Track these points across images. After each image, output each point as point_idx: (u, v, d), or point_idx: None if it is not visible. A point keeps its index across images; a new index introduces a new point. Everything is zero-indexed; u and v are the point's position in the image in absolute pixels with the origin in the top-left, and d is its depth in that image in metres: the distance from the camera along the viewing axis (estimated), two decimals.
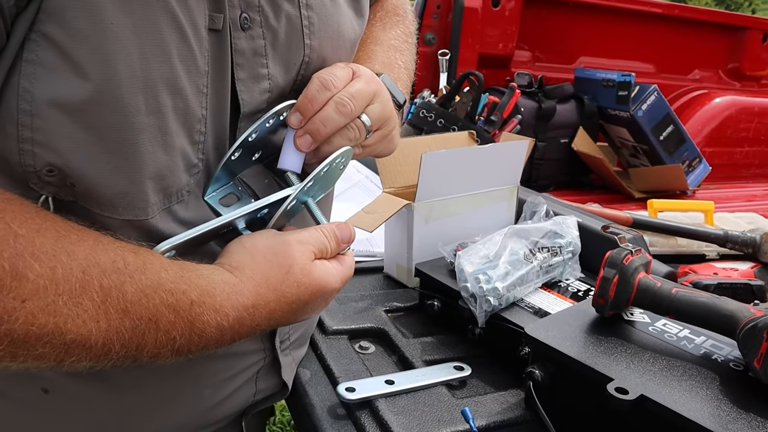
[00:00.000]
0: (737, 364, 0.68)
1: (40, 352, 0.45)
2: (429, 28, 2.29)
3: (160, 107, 0.51)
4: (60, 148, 0.48)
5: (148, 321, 0.50)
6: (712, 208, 1.38)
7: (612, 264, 0.74)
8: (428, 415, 0.73)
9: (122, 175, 0.51)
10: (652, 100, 2.01)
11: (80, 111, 0.47)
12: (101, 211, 0.52)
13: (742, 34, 2.66)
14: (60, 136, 0.47)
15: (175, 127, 0.53)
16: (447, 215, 1.08)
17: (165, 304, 0.51)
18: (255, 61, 0.58)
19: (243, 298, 0.56)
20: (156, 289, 0.51)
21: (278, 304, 0.58)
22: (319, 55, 0.64)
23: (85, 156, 0.49)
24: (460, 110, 1.83)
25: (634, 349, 0.70)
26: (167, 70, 0.50)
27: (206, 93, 0.55)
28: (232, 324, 0.55)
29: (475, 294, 0.85)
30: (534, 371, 0.71)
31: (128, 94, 0.48)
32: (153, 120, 0.50)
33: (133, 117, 0.49)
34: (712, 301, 0.69)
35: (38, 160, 0.48)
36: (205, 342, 0.54)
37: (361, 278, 1.12)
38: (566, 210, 1.13)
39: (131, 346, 0.49)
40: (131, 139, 0.50)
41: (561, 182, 2.13)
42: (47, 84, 0.46)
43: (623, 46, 2.52)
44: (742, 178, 2.52)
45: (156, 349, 0.51)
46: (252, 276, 0.57)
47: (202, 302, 0.53)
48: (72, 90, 0.46)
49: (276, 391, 0.79)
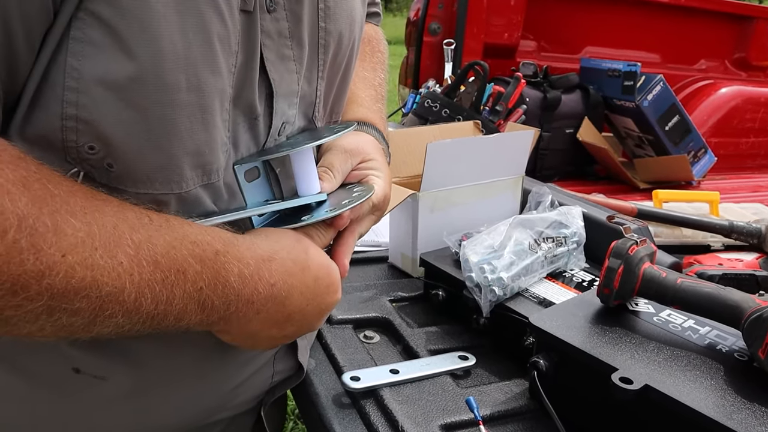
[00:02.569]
0: (742, 355, 0.68)
1: (77, 307, 0.46)
2: (434, 18, 2.28)
3: (201, 85, 0.52)
4: (103, 124, 0.48)
5: (177, 272, 0.51)
6: (718, 199, 1.38)
7: (617, 254, 0.74)
8: (433, 404, 0.73)
9: (161, 150, 0.52)
10: (658, 90, 2.00)
11: (125, 88, 0.48)
12: (137, 189, 0.53)
13: (749, 23, 2.65)
14: (104, 113, 0.48)
15: (215, 105, 0.54)
16: (452, 205, 1.08)
17: (192, 254, 0.52)
18: (280, 42, 0.60)
19: (261, 250, 0.58)
20: (182, 240, 0.52)
21: (292, 265, 0.60)
22: (335, 38, 0.67)
23: (127, 132, 0.50)
24: (465, 100, 1.83)
25: (638, 339, 0.70)
26: (207, 50, 0.52)
27: (234, 72, 0.56)
28: (252, 274, 0.56)
29: (479, 284, 0.85)
30: (538, 361, 0.72)
31: (170, 72, 0.49)
32: (193, 98, 0.52)
33: (174, 94, 0.50)
34: (716, 292, 0.69)
35: (81, 137, 0.49)
36: (228, 292, 0.55)
37: (365, 268, 1.13)
38: (571, 200, 1.13)
39: (161, 300, 0.50)
40: (171, 115, 0.51)
41: (566, 172, 2.12)
42: (95, 62, 0.47)
43: (629, 35, 2.50)
44: (747, 169, 2.51)
45: (183, 302, 0.52)
46: (266, 235, 0.60)
47: (225, 251, 0.54)
48: (119, 68, 0.47)
49: (292, 373, 0.79)
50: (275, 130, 0.63)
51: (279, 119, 0.63)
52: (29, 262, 0.43)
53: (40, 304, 0.44)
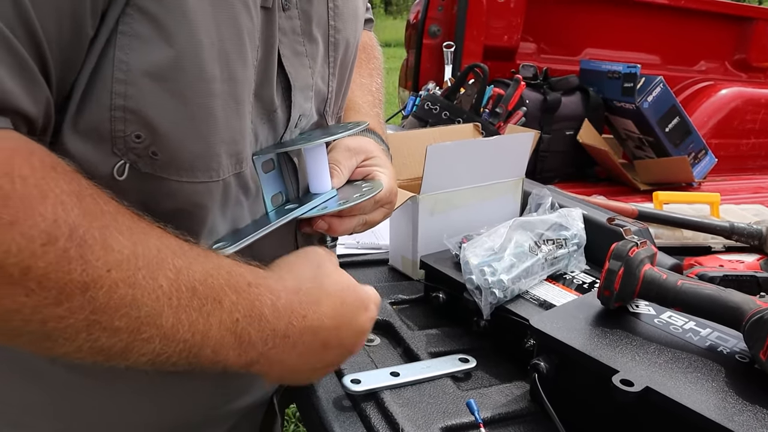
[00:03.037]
0: (743, 356, 0.68)
1: (115, 326, 0.46)
2: (434, 20, 2.28)
3: (234, 76, 0.55)
4: (150, 113, 0.50)
5: (214, 301, 0.52)
6: (718, 200, 1.38)
7: (617, 256, 0.74)
8: (433, 407, 0.73)
9: (201, 138, 0.54)
10: (658, 91, 2.00)
11: (167, 78, 0.50)
12: (179, 177, 0.54)
13: (749, 24, 2.65)
14: (150, 103, 0.50)
15: (245, 95, 0.57)
16: (452, 207, 1.08)
17: (228, 284, 0.53)
18: (294, 39, 0.63)
19: (288, 283, 0.59)
20: (219, 269, 0.53)
21: (319, 293, 0.61)
22: (343, 35, 0.70)
23: (171, 120, 0.52)
24: (465, 102, 1.83)
25: (639, 341, 0.70)
26: (238, 42, 0.54)
27: (255, 66, 0.59)
28: (285, 306, 0.57)
29: (480, 286, 0.85)
30: (539, 363, 0.72)
31: (208, 62, 0.52)
32: (227, 87, 0.54)
33: (211, 84, 0.53)
34: (717, 293, 0.69)
35: (129, 126, 0.50)
36: (264, 326, 0.55)
37: (366, 270, 1.13)
38: (571, 202, 1.13)
39: (197, 328, 0.51)
40: (209, 104, 0.53)
41: (566, 174, 2.12)
42: (141, 54, 0.49)
43: (629, 37, 2.50)
44: (748, 170, 2.51)
45: (220, 333, 0.52)
46: (288, 268, 0.62)
47: (257, 283, 0.56)
48: (161, 55, 0.50)
49: None
50: (293, 122, 0.66)
51: (296, 112, 0.66)
52: (76, 272, 0.43)
53: (82, 317, 0.45)
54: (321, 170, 0.70)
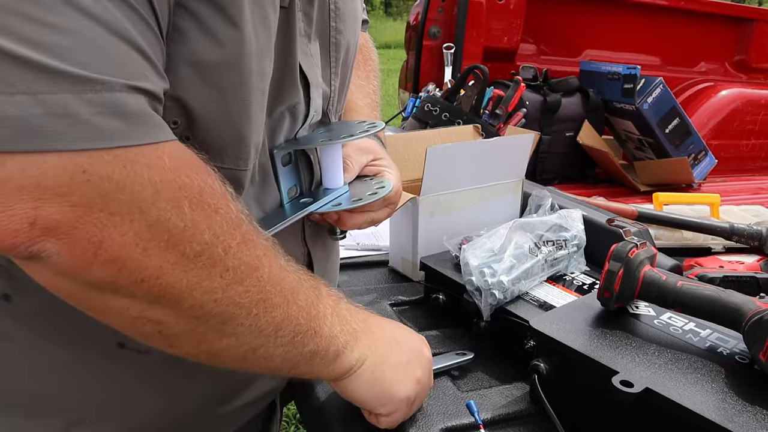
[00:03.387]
0: (743, 357, 0.68)
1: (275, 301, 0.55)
2: (434, 22, 2.28)
3: (264, 71, 0.58)
4: (189, 101, 0.54)
5: (307, 328, 0.59)
6: (718, 201, 1.38)
7: (617, 257, 0.74)
8: (433, 408, 0.73)
9: (233, 128, 0.57)
10: (658, 92, 2.00)
11: (213, 71, 0.54)
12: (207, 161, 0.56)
13: (749, 25, 2.65)
14: (189, 91, 0.53)
15: (267, 89, 0.60)
16: (452, 209, 1.08)
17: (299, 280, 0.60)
18: (301, 41, 0.65)
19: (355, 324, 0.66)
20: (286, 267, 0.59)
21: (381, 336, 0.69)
22: (344, 36, 0.72)
23: (207, 109, 0.55)
24: (465, 104, 1.83)
25: (639, 342, 0.70)
26: (267, 38, 0.57)
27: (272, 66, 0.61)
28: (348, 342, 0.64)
29: (480, 287, 0.85)
30: (539, 364, 0.72)
31: (247, 58, 0.55)
32: (259, 82, 0.57)
33: (248, 78, 0.56)
34: (717, 294, 0.69)
35: (168, 111, 0.53)
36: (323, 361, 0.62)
37: (366, 272, 1.13)
38: (571, 203, 1.13)
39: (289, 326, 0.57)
40: (244, 96, 0.56)
41: (566, 176, 2.12)
42: (182, 47, 0.52)
43: (629, 38, 2.51)
44: (748, 171, 2.51)
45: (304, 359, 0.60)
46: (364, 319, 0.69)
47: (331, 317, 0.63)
48: (209, 54, 0.53)
49: None
50: (311, 117, 0.69)
51: (313, 108, 0.68)
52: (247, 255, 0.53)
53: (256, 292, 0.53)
54: (335, 167, 0.74)
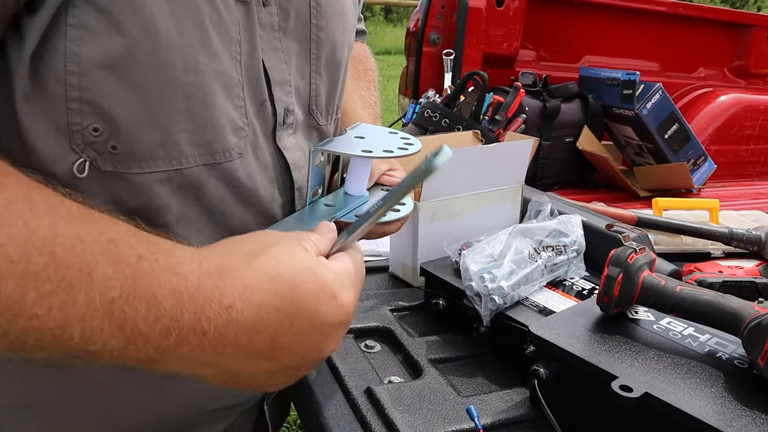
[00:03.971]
0: (742, 362, 0.68)
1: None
2: (433, 28, 2.29)
3: (197, 65, 0.54)
4: (106, 104, 0.51)
5: (79, 270, 0.42)
6: (717, 206, 1.38)
7: (616, 262, 0.74)
8: (434, 413, 0.73)
9: (159, 128, 0.54)
10: (657, 98, 2.01)
11: (121, 67, 0.50)
12: (141, 169, 0.54)
13: (748, 31, 2.66)
14: (105, 94, 0.50)
15: (215, 87, 0.57)
16: (452, 215, 1.08)
17: (104, 253, 0.44)
18: (272, 35, 0.64)
19: (205, 262, 0.48)
20: (97, 235, 0.44)
21: (254, 277, 0.49)
22: (328, 35, 0.70)
23: (128, 111, 0.52)
24: (464, 110, 1.83)
25: (638, 347, 0.70)
26: (201, 33, 0.54)
27: (240, 60, 0.59)
28: (194, 293, 0.46)
29: (480, 293, 0.85)
30: (539, 369, 0.72)
31: (165, 51, 0.52)
32: (191, 77, 0.54)
33: (169, 73, 0.53)
34: (716, 299, 0.70)
35: (85, 118, 0.51)
36: (156, 315, 0.44)
37: (366, 277, 1.12)
38: (571, 209, 1.13)
39: (53, 302, 0.42)
40: (166, 93, 0.53)
41: (566, 181, 2.13)
42: (93, 45, 0.49)
43: (628, 44, 2.51)
44: (747, 176, 2.51)
45: (88, 313, 0.43)
46: (220, 249, 0.52)
47: (154, 259, 0.45)
48: (111, 45, 0.49)
49: None
50: (280, 116, 0.66)
51: (280, 106, 0.66)
52: None
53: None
54: (362, 177, 0.75)
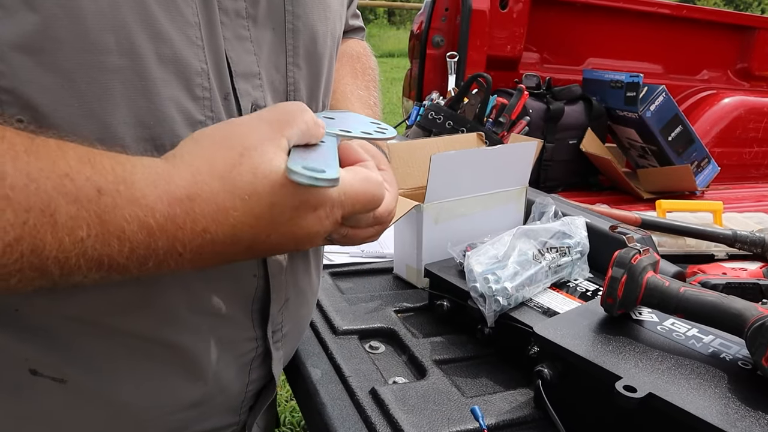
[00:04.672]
0: (745, 363, 0.68)
1: None
2: (437, 31, 2.30)
3: (135, 49, 0.48)
4: (27, 92, 0.44)
5: (40, 213, 0.40)
6: (721, 209, 1.38)
7: (620, 264, 0.74)
8: (438, 413, 0.74)
9: (95, 118, 0.47)
10: (661, 100, 2.01)
11: (40, 50, 0.44)
12: None
13: (751, 34, 2.66)
14: (25, 80, 0.44)
15: (161, 74, 0.50)
16: (456, 216, 1.09)
17: (61, 191, 0.41)
18: (237, 23, 0.58)
19: (172, 186, 0.45)
20: (48, 172, 0.41)
21: (229, 198, 0.46)
22: (306, 23, 0.64)
23: (55, 99, 0.45)
24: (468, 112, 1.84)
25: (642, 348, 0.71)
26: (141, 11, 0.47)
27: (202, 46, 0.53)
28: (163, 223, 0.44)
29: (484, 294, 0.86)
30: (543, 370, 0.72)
31: (95, 32, 0.45)
32: (127, 62, 0.47)
33: (101, 56, 0.46)
34: (719, 300, 0.70)
35: (7, 107, 0.44)
36: (131, 248, 0.44)
37: (370, 279, 1.13)
38: (574, 210, 1.13)
39: (23, 247, 0.40)
40: (101, 79, 0.46)
41: (570, 183, 2.13)
42: (5, 24, 0.43)
43: (631, 47, 2.52)
44: (751, 179, 2.52)
45: (62, 254, 0.42)
46: (189, 160, 0.47)
47: (115, 191, 0.43)
48: (27, 26, 0.43)
49: (266, 381, 0.75)
50: (246, 111, 0.59)
51: (246, 100, 0.59)
52: None
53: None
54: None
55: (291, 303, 0.73)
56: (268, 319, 0.70)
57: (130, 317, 0.56)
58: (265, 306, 0.68)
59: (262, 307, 0.68)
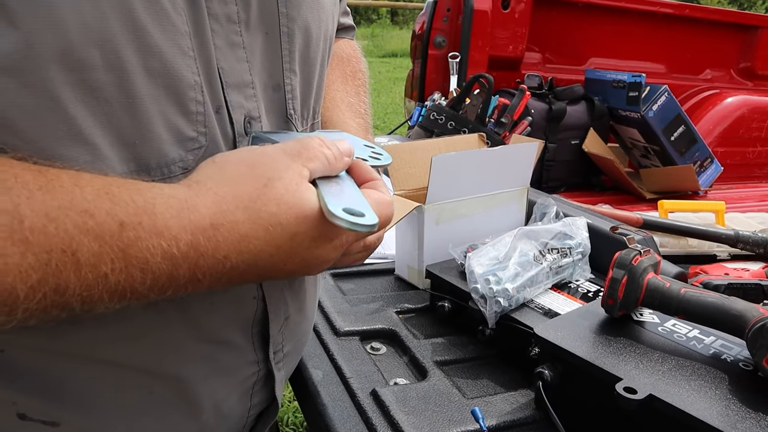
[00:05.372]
0: (746, 364, 0.68)
1: None
2: (439, 31, 2.30)
3: (122, 64, 0.45)
4: (9, 116, 0.41)
5: (62, 253, 0.40)
6: (723, 209, 1.38)
7: (621, 265, 0.74)
8: (439, 414, 0.74)
9: (84, 143, 0.45)
10: (663, 100, 2.01)
11: (21, 70, 0.41)
12: None
13: (754, 33, 2.65)
14: (5, 103, 0.41)
15: (149, 90, 0.47)
16: (457, 217, 1.09)
17: (82, 229, 0.40)
18: (229, 28, 0.55)
19: (197, 215, 0.45)
20: (66, 210, 0.40)
21: (252, 227, 0.46)
22: (300, 25, 0.62)
23: (39, 123, 0.43)
24: (470, 113, 1.84)
25: (643, 349, 0.71)
26: (129, 22, 0.45)
27: (194, 57, 0.50)
28: (186, 252, 0.44)
29: (485, 295, 0.86)
30: (543, 371, 0.72)
31: (80, 47, 0.42)
32: (113, 78, 0.45)
33: (87, 73, 0.43)
34: (720, 301, 0.70)
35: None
36: (153, 278, 0.43)
37: (372, 280, 1.13)
38: (576, 211, 1.13)
39: (47, 288, 0.40)
40: (85, 98, 0.44)
41: (572, 184, 2.13)
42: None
43: (634, 46, 2.52)
44: (754, 178, 2.51)
45: (85, 291, 0.41)
46: (214, 189, 0.46)
47: (137, 224, 0.42)
48: (7, 44, 0.40)
49: (268, 404, 0.73)
50: (238, 125, 0.57)
51: (238, 113, 0.57)
52: None
53: None
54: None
55: (291, 321, 0.71)
56: (269, 340, 0.67)
57: (126, 349, 0.54)
58: (265, 327, 0.66)
59: (262, 329, 0.66)
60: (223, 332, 0.61)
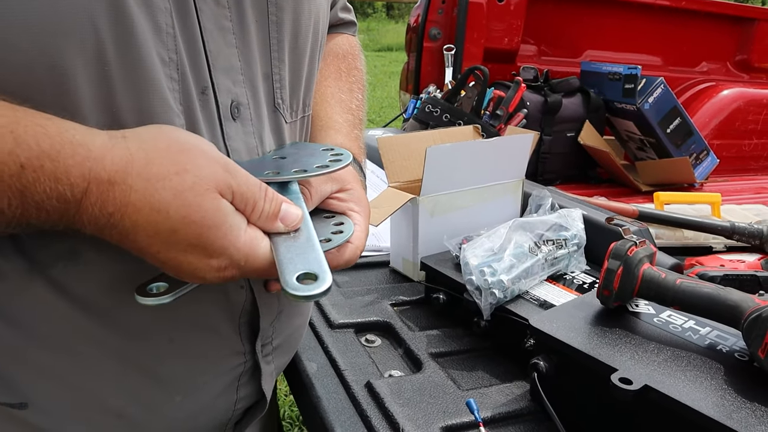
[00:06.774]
0: (742, 355, 0.68)
1: None
2: (434, 24, 2.29)
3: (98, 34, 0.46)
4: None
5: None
6: (719, 200, 1.38)
7: (616, 255, 0.74)
8: (434, 406, 0.73)
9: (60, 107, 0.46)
10: (659, 93, 2.00)
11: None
12: None
13: (751, 25, 2.65)
14: None
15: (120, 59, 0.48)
16: (452, 209, 1.08)
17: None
18: (219, 12, 0.55)
19: (98, 167, 0.45)
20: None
21: (140, 200, 0.46)
22: (288, 15, 0.62)
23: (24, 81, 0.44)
24: (465, 105, 1.83)
25: (638, 340, 0.70)
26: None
27: (173, 34, 0.50)
28: (79, 198, 0.45)
29: (480, 287, 0.85)
30: (539, 363, 0.72)
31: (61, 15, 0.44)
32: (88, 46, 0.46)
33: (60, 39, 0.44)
34: (716, 292, 0.70)
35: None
36: (47, 214, 0.45)
37: (367, 272, 1.13)
38: (571, 203, 1.13)
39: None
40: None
41: (568, 176, 2.12)
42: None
43: (630, 38, 2.51)
44: (750, 171, 2.51)
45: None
46: (133, 149, 0.46)
47: (38, 167, 0.43)
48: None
49: (256, 399, 0.73)
50: (224, 108, 0.57)
51: (225, 97, 0.57)
52: None
53: None
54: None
55: (284, 314, 0.70)
56: (258, 332, 0.67)
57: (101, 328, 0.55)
58: (255, 319, 0.66)
59: (251, 319, 0.65)
60: (205, 317, 0.61)
